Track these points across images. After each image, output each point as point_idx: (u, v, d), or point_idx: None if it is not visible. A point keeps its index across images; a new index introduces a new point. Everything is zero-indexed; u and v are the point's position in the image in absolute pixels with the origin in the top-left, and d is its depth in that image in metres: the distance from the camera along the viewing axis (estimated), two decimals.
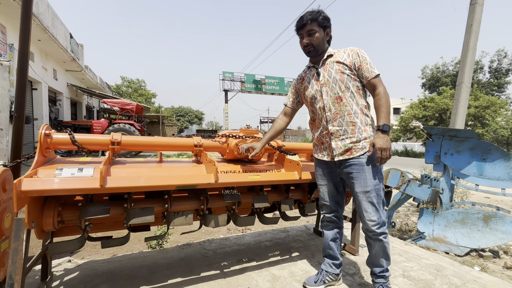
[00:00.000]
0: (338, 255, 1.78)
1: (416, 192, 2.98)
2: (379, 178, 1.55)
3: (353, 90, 1.56)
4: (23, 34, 1.62)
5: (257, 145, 1.75)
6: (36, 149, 1.35)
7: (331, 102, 1.57)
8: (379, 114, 1.50)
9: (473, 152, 2.87)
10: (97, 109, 18.60)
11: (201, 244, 2.42)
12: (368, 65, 1.54)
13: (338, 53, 1.61)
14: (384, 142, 1.43)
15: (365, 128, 1.56)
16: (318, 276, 1.76)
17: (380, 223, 1.53)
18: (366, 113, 1.59)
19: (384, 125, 1.46)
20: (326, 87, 1.59)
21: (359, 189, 1.53)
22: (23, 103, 1.60)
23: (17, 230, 1.18)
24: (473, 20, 4.69)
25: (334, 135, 1.58)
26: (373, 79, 1.53)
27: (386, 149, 1.43)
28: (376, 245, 1.58)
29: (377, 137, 1.46)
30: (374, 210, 1.52)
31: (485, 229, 2.72)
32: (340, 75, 1.55)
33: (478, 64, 21.55)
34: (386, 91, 1.53)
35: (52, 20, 8.76)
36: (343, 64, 1.56)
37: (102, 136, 1.56)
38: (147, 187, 1.36)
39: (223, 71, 22.44)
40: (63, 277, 1.78)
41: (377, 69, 1.55)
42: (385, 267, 1.60)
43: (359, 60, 1.55)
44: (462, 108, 4.75)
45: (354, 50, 1.58)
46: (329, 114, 1.58)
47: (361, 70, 1.55)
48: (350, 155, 1.54)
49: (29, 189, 1.10)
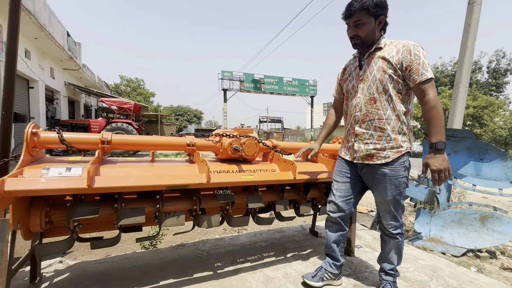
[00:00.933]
0: (340, 257, 1.76)
1: (413, 193, 2.97)
2: (401, 187, 1.46)
3: (392, 94, 1.38)
4: (11, 30, 1.58)
5: (315, 145, 1.76)
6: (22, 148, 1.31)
7: (363, 101, 1.44)
8: (430, 128, 1.31)
9: (470, 152, 2.86)
10: (95, 108, 18.52)
11: (195, 245, 2.39)
12: (420, 66, 1.31)
13: (389, 47, 1.41)
14: (440, 162, 1.26)
15: (395, 136, 1.40)
16: (317, 272, 1.74)
17: (398, 226, 1.55)
18: (403, 121, 1.41)
19: (438, 143, 1.27)
20: (363, 84, 1.45)
21: (378, 197, 1.53)
22: (11, 100, 1.56)
23: (1, 231, 1.14)
24: (471, 20, 4.68)
25: (359, 137, 1.49)
26: (423, 84, 1.31)
27: (443, 170, 1.26)
28: (391, 243, 1.60)
29: (430, 157, 1.30)
30: (392, 216, 1.54)
31: (482, 229, 2.71)
32: (381, 74, 1.38)
33: (476, 64, 21.56)
34: (438, 100, 1.31)
35: (49, 18, 8.70)
36: (388, 62, 1.37)
37: (91, 135, 1.53)
38: (136, 187, 1.33)
39: (222, 70, 22.35)
40: (53, 278, 1.74)
41: (431, 72, 1.32)
42: (395, 265, 1.62)
43: (409, 59, 1.33)
44: (460, 108, 4.74)
45: (407, 46, 1.35)
46: (359, 114, 1.47)
47: (409, 71, 1.33)
48: (370, 161, 1.46)
49: (12, 189, 1.07)
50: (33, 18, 7.44)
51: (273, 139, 3.76)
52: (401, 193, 1.48)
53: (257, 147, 1.84)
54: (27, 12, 7.02)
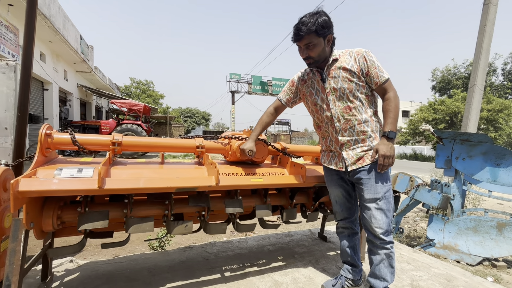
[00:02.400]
0: (357, 262, 1.72)
1: (425, 198, 2.88)
2: (389, 184, 1.51)
3: (362, 98, 1.49)
4: (27, 34, 1.63)
5: (249, 144, 1.67)
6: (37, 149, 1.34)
7: (339, 112, 1.50)
8: (386, 119, 1.46)
9: (487, 157, 2.75)
10: (106, 109, 18.91)
11: (203, 247, 2.38)
12: (377, 69, 1.45)
13: (344, 57, 1.50)
14: (388, 149, 1.39)
15: (375, 135, 1.51)
16: (337, 280, 1.71)
17: (389, 231, 1.48)
18: (376, 120, 1.54)
19: (390, 132, 1.42)
20: (333, 96, 1.51)
21: (369, 195, 1.48)
22: (26, 102, 1.61)
23: (15, 230, 1.16)
24: (486, 21, 4.55)
25: (345, 145, 1.53)
26: (383, 84, 1.46)
27: (389, 157, 1.40)
28: (382, 254, 1.50)
29: (381, 143, 1.43)
30: (384, 217, 1.46)
31: (499, 237, 2.60)
32: (348, 83, 1.47)
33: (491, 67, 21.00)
34: (397, 95, 1.47)
35: (64, 22, 8.96)
36: (350, 71, 1.47)
37: (103, 137, 1.55)
38: (146, 189, 1.34)
39: (230, 73, 22.55)
40: (63, 277, 1.77)
41: (386, 72, 1.47)
42: (389, 282, 1.51)
43: (367, 65, 1.46)
44: (475, 111, 4.60)
45: (361, 54, 1.48)
46: (338, 124, 1.52)
47: (370, 76, 1.47)
48: (362, 163, 1.49)
49: (26, 190, 1.09)
50: (49, 22, 7.68)
51: (281, 141, 3.73)
52: (390, 190, 1.50)
53: (266, 150, 1.83)
54: (42, 16, 7.24)
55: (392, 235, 1.52)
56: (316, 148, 2.23)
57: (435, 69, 24.13)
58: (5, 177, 1.38)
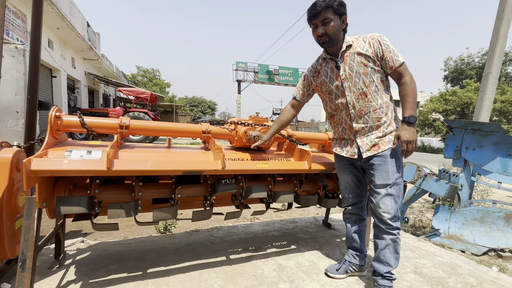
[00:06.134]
0: (363, 247, 1.75)
1: (432, 187, 2.86)
2: (401, 171, 1.50)
3: (378, 84, 1.46)
4: (35, 18, 1.62)
5: (264, 136, 1.70)
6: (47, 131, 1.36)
7: (355, 98, 1.48)
8: (405, 104, 1.42)
9: (498, 147, 2.69)
10: (113, 97, 19.05)
11: (209, 231, 2.43)
12: (392, 53, 1.42)
13: (358, 42, 1.47)
14: (410, 134, 1.37)
15: (390, 122, 1.49)
16: (341, 264, 1.74)
17: (397, 216, 1.48)
18: (391, 106, 1.51)
19: (410, 117, 1.38)
20: (348, 82, 1.48)
21: (380, 181, 1.47)
22: (36, 86, 1.63)
23: (28, 208, 1.21)
24: (505, 6, 4.33)
25: (359, 132, 1.52)
26: (398, 68, 1.43)
27: (412, 142, 1.37)
28: (388, 240, 1.50)
29: (402, 129, 1.39)
30: (393, 202, 1.46)
31: (507, 228, 2.58)
32: (364, 68, 1.44)
33: (507, 56, 20.13)
34: (413, 79, 1.43)
35: (70, 9, 8.91)
36: (366, 56, 1.44)
37: (110, 120, 1.57)
38: (154, 171, 1.36)
39: (236, 61, 22.25)
40: (75, 256, 1.84)
41: (401, 56, 1.43)
42: (393, 267, 1.52)
43: (382, 49, 1.42)
44: (488, 101, 4.46)
45: (375, 38, 1.44)
46: (353, 111, 1.50)
47: (384, 60, 1.43)
48: (378, 149, 1.48)
49: (38, 169, 1.12)
50: (55, 8, 7.66)
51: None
52: (401, 177, 1.50)
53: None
54: (49, 2, 7.22)
55: (399, 222, 1.51)
56: (322, 136, 2.22)
57: (448, 58, 23.33)
58: (18, 158, 1.42)
